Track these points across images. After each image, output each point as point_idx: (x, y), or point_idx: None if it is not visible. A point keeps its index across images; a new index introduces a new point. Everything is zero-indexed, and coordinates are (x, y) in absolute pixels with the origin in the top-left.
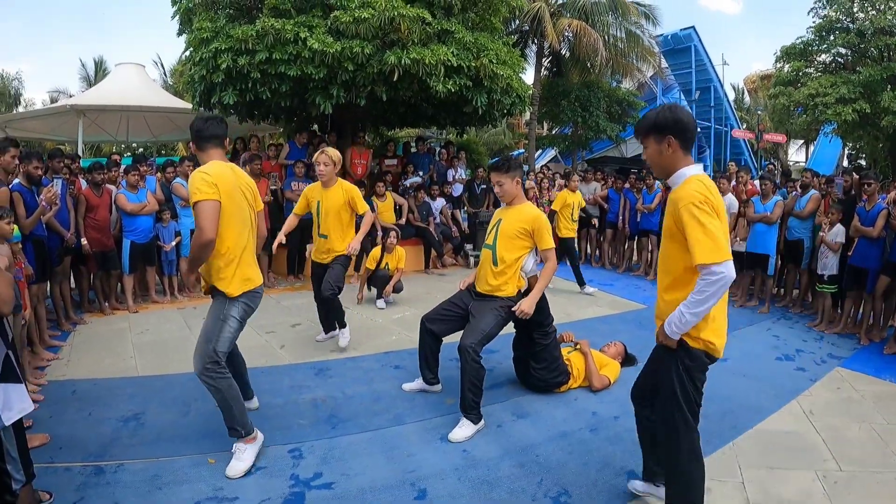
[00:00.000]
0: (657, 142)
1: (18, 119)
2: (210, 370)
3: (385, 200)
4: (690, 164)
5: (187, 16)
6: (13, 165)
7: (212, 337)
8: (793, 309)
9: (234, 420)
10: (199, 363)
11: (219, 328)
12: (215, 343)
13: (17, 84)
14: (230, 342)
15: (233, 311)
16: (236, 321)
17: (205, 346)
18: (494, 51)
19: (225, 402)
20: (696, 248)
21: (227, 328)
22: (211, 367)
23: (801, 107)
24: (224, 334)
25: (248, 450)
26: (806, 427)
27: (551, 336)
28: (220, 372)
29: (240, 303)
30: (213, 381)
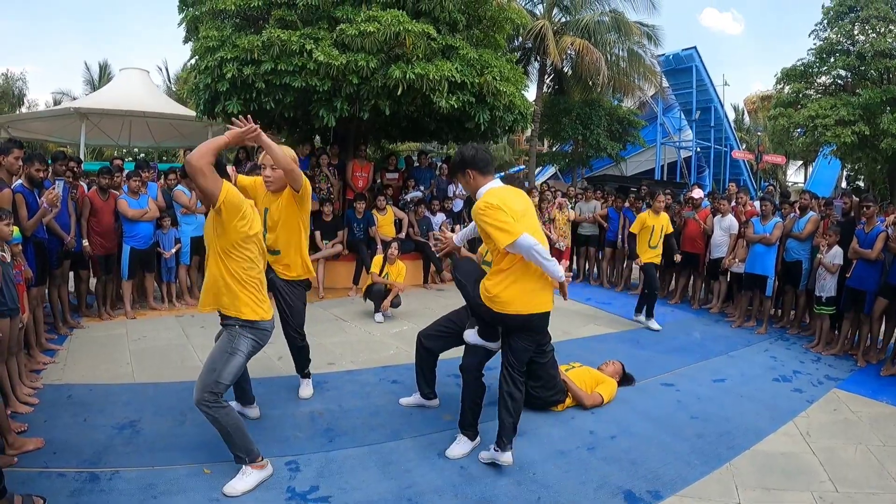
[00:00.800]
0: (462, 175)
1: (21, 120)
2: (208, 400)
3: (385, 214)
4: (488, 182)
5: (194, 24)
6: (17, 167)
7: (216, 367)
8: (790, 330)
9: (236, 447)
10: (198, 392)
11: (225, 360)
12: (218, 375)
13: (22, 84)
14: (234, 376)
15: (241, 345)
16: (243, 356)
17: (208, 375)
18: (498, 68)
19: (224, 430)
20: (496, 238)
21: (234, 362)
22: (209, 397)
23: (800, 128)
24: (229, 368)
25: (253, 475)
26: (803, 448)
27: (549, 355)
28: (217, 402)
29: (249, 338)
30: (211, 411)
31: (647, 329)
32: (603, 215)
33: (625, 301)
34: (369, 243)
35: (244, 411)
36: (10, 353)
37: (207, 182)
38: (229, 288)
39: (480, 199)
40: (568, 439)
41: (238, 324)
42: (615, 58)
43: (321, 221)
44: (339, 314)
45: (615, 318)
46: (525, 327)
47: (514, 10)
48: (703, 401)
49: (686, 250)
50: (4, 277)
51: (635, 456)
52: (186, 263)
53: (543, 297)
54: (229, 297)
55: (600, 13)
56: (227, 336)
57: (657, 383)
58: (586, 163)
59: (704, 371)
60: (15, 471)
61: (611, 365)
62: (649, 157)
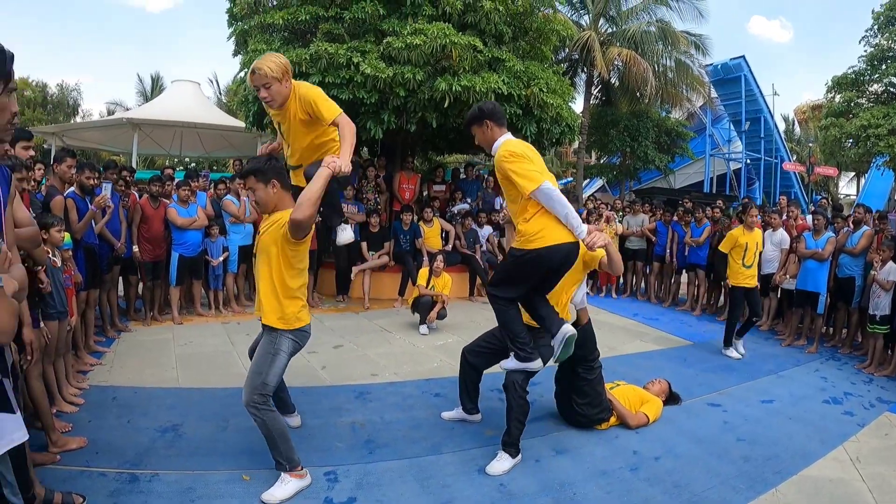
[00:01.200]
0: (480, 127)
1: (76, 129)
2: (257, 402)
3: (432, 226)
4: (504, 134)
5: (243, 37)
6: (69, 175)
7: (262, 370)
8: (842, 349)
9: (279, 453)
10: (247, 394)
11: (269, 362)
12: (265, 377)
13: (76, 95)
14: (279, 376)
15: (283, 345)
16: (286, 356)
17: (254, 378)
18: (545, 80)
19: (269, 435)
20: (521, 185)
21: (278, 362)
22: (258, 399)
23: (852, 138)
24: (274, 369)
25: (292, 483)
26: (852, 475)
27: (596, 371)
28: (266, 405)
29: (289, 338)
30: (259, 413)
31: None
32: (651, 229)
33: (672, 317)
34: (415, 255)
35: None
36: (58, 355)
37: (307, 231)
38: (280, 300)
39: (501, 146)
40: (611, 459)
41: (276, 330)
42: (662, 68)
43: (368, 232)
44: (384, 325)
45: (662, 335)
46: (564, 263)
47: (559, 21)
48: (750, 422)
49: None
50: (54, 282)
51: (679, 478)
52: (234, 271)
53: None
54: (280, 309)
55: (647, 23)
56: (267, 338)
57: (703, 403)
58: (634, 175)
59: (752, 391)
60: (57, 468)
61: (657, 384)
62: (698, 170)
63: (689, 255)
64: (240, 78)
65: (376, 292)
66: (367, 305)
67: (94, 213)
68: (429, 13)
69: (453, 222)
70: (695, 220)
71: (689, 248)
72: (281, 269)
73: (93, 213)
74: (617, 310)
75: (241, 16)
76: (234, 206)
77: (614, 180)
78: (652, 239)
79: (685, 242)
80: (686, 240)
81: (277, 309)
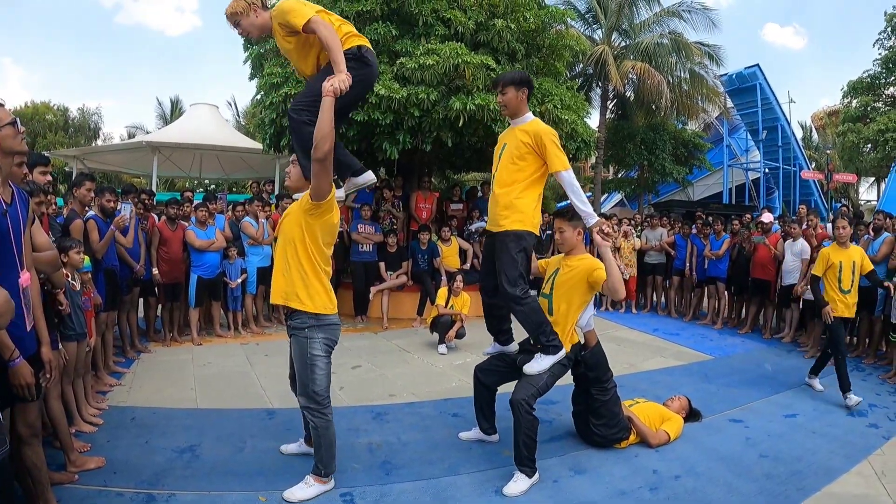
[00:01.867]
0: (517, 90)
1: (97, 152)
2: (313, 409)
3: (450, 245)
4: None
5: (259, 61)
6: (89, 198)
7: (307, 381)
8: (866, 360)
9: (321, 458)
10: (303, 401)
11: (310, 372)
12: (312, 386)
13: (97, 118)
14: (326, 378)
15: (315, 350)
16: (323, 359)
17: (304, 389)
18: (559, 96)
19: (318, 439)
20: (555, 162)
21: (318, 370)
22: (315, 407)
23: (870, 143)
24: (317, 376)
25: (315, 487)
26: (877, 490)
27: (611, 392)
28: (323, 413)
29: (319, 339)
30: (315, 419)
31: (714, 363)
32: (670, 243)
33: (693, 332)
34: (433, 274)
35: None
36: (77, 375)
37: (328, 178)
38: (309, 280)
39: (541, 124)
40: (630, 478)
41: (306, 325)
42: (677, 80)
43: (386, 252)
44: (402, 345)
45: (682, 350)
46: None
47: (571, 36)
48: (772, 437)
49: (756, 277)
50: (73, 304)
51: (699, 497)
52: (252, 293)
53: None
54: (306, 290)
55: (659, 35)
56: (297, 346)
57: (725, 419)
58: (652, 188)
59: (775, 405)
60: (76, 488)
61: (677, 400)
62: (717, 181)
63: (708, 268)
64: (257, 101)
65: (395, 312)
66: (385, 325)
67: (114, 232)
68: (441, 33)
69: (471, 241)
70: (714, 233)
71: (708, 261)
72: (308, 248)
73: (112, 232)
74: (637, 325)
75: (256, 40)
76: (252, 228)
77: (633, 194)
78: (671, 253)
79: (704, 255)
80: (705, 253)
81: (303, 289)
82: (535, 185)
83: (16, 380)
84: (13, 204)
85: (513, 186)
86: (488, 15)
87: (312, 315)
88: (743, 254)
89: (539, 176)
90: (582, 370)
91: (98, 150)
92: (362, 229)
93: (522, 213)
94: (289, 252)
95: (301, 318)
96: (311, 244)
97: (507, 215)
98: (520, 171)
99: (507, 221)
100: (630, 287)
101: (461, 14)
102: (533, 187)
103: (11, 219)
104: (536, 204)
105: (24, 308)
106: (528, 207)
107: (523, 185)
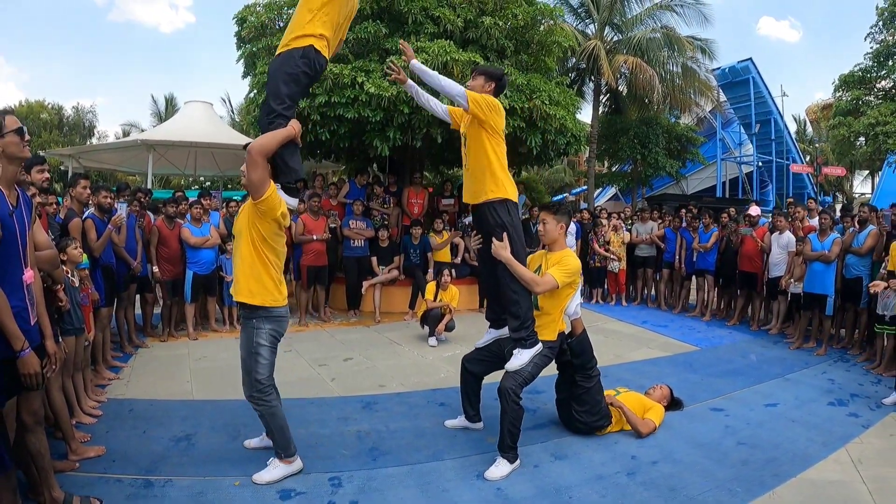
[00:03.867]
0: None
1: (92, 151)
2: (256, 398)
3: (442, 237)
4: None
5: (251, 60)
6: (85, 196)
7: (250, 369)
8: (851, 351)
9: (276, 443)
10: (246, 390)
11: (254, 360)
12: (255, 374)
13: (92, 117)
14: (269, 367)
15: (261, 339)
16: (267, 348)
17: (247, 377)
18: (547, 92)
19: (268, 425)
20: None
21: (262, 359)
22: (257, 395)
23: (862, 136)
24: (260, 365)
25: (280, 468)
26: (853, 476)
27: (594, 379)
28: (265, 400)
29: (266, 329)
30: (259, 407)
31: (700, 354)
32: (660, 236)
33: (681, 323)
34: (425, 269)
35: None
36: (76, 369)
37: (259, 174)
38: (258, 274)
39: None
40: (609, 464)
41: (254, 315)
42: (669, 74)
43: (377, 247)
44: (393, 338)
45: (669, 342)
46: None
47: (560, 32)
48: (752, 426)
49: (744, 269)
50: (72, 300)
51: (675, 482)
52: None
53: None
54: (256, 283)
55: (651, 30)
56: (244, 334)
57: (706, 408)
58: (646, 182)
59: (757, 395)
60: (77, 475)
61: (658, 389)
62: (710, 174)
63: (697, 260)
64: (250, 98)
65: (387, 306)
66: (378, 319)
67: (111, 231)
68: (431, 31)
69: (464, 235)
70: (702, 226)
71: (697, 253)
72: (256, 243)
73: (110, 231)
74: (626, 318)
75: (248, 39)
76: None
77: (626, 188)
78: (661, 246)
79: (693, 248)
80: (694, 245)
81: (254, 284)
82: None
83: (25, 369)
84: (18, 206)
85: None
86: (477, 12)
87: (260, 307)
88: (731, 246)
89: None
90: (567, 357)
91: (93, 148)
92: (354, 225)
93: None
94: (242, 246)
95: (250, 309)
96: (257, 240)
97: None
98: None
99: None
100: (620, 280)
101: (450, 12)
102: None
103: (17, 220)
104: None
105: (28, 303)
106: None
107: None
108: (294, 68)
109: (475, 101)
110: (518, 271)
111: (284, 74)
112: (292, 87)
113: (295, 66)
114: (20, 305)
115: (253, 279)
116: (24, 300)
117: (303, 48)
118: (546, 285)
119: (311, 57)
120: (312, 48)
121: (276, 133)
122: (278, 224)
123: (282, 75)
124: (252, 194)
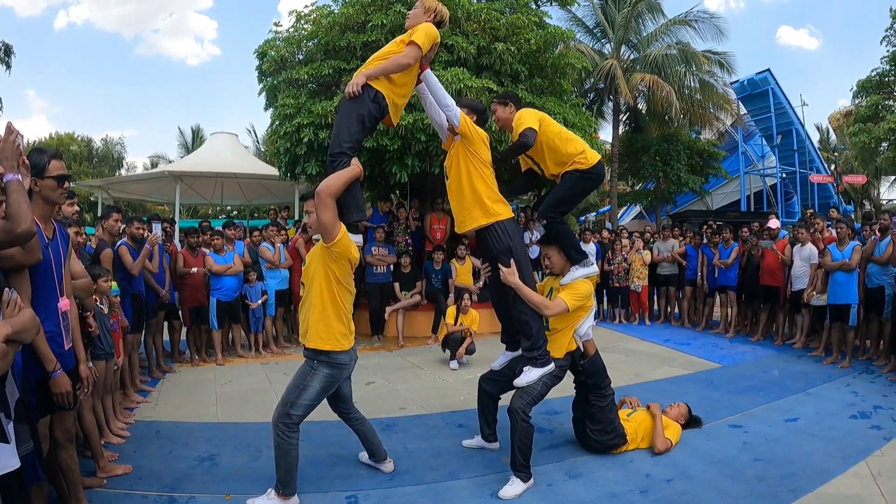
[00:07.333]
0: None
1: (120, 182)
2: (281, 429)
3: (464, 264)
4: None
5: (273, 92)
6: (117, 228)
7: (289, 400)
8: (876, 362)
9: (280, 478)
10: (275, 417)
11: (297, 394)
12: (290, 407)
13: (120, 148)
14: (308, 409)
15: (315, 379)
16: (316, 391)
17: (282, 407)
18: (562, 115)
19: (278, 458)
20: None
21: (306, 395)
22: (283, 426)
23: (885, 142)
24: (301, 400)
25: (275, 501)
26: (871, 490)
27: (608, 398)
28: (288, 435)
29: (324, 373)
30: (279, 437)
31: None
32: (681, 253)
33: (704, 340)
34: (447, 294)
35: (378, 466)
36: (106, 391)
37: (330, 216)
38: (327, 319)
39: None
40: (623, 482)
41: (317, 358)
42: (688, 90)
43: (400, 273)
44: (415, 362)
45: (691, 360)
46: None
47: (573, 55)
48: (770, 442)
49: (765, 283)
50: (102, 326)
51: (689, 499)
52: (272, 315)
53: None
54: (326, 328)
55: (667, 46)
56: (302, 368)
57: (725, 425)
58: (670, 199)
59: (777, 411)
60: (104, 491)
61: (675, 408)
62: (735, 188)
63: (718, 276)
64: (272, 130)
65: (410, 331)
66: (400, 344)
67: (148, 250)
68: (445, 59)
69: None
70: (722, 241)
71: (718, 269)
72: (331, 287)
73: (147, 250)
74: (648, 337)
75: (269, 72)
76: (269, 253)
77: (650, 206)
78: (683, 263)
79: (714, 264)
80: (714, 261)
81: (323, 330)
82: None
83: (57, 388)
84: (54, 239)
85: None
86: (490, 38)
87: (322, 352)
88: (752, 261)
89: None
90: (582, 378)
91: (122, 179)
92: (376, 251)
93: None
94: (313, 293)
95: (314, 351)
96: (333, 283)
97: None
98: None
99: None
100: (642, 299)
101: (463, 39)
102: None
103: (53, 252)
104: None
105: (62, 329)
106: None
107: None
108: (365, 110)
109: (465, 121)
110: (527, 296)
111: (356, 114)
112: (359, 128)
113: (366, 108)
114: (54, 330)
115: (322, 324)
116: (59, 326)
117: (376, 91)
118: (556, 309)
119: (381, 104)
120: (382, 95)
121: (342, 173)
122: (351, 265)
123: (354, 115)
124: (324, 237)
